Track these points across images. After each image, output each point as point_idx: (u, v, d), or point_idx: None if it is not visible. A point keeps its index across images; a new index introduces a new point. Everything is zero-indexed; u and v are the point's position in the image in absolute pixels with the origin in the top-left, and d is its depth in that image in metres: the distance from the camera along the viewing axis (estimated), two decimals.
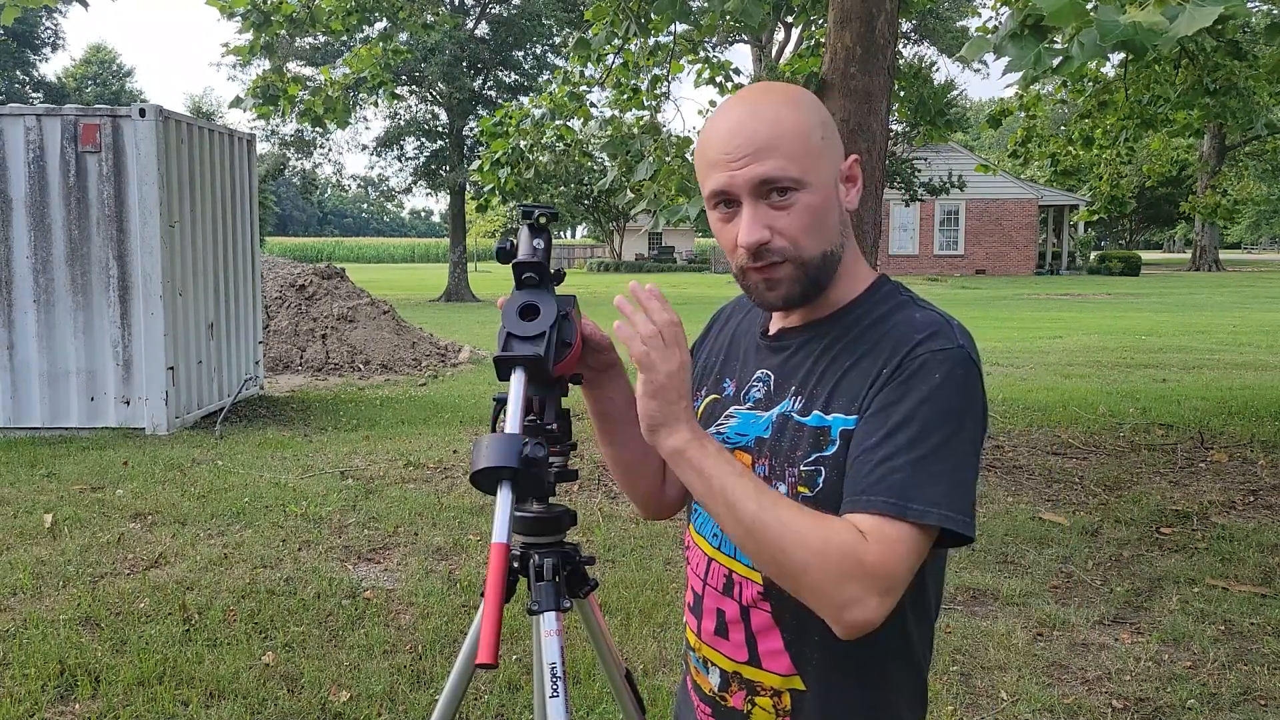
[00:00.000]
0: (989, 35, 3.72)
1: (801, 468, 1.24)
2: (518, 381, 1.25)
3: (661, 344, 1.20)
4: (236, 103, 9.62)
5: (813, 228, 1.24)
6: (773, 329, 1.38)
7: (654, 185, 6.41)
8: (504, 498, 1.13)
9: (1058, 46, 3.32)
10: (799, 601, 1.19)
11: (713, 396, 1.42)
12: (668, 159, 6.47)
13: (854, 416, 1.21)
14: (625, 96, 7.81)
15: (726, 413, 1.37)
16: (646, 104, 7.83)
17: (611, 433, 1.49)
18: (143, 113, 7.87)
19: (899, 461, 1.14)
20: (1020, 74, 3.55)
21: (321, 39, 21.25)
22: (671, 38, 7.42)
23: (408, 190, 32.14)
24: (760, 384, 1.34)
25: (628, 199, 7.15)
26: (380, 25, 9.63)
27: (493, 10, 28.24)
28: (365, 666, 3.73)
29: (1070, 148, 10.57)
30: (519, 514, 1.42)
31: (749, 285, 1.28)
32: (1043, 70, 3.33)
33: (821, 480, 1.23)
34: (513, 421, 1.20)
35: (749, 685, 1.33)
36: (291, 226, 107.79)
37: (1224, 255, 50.57)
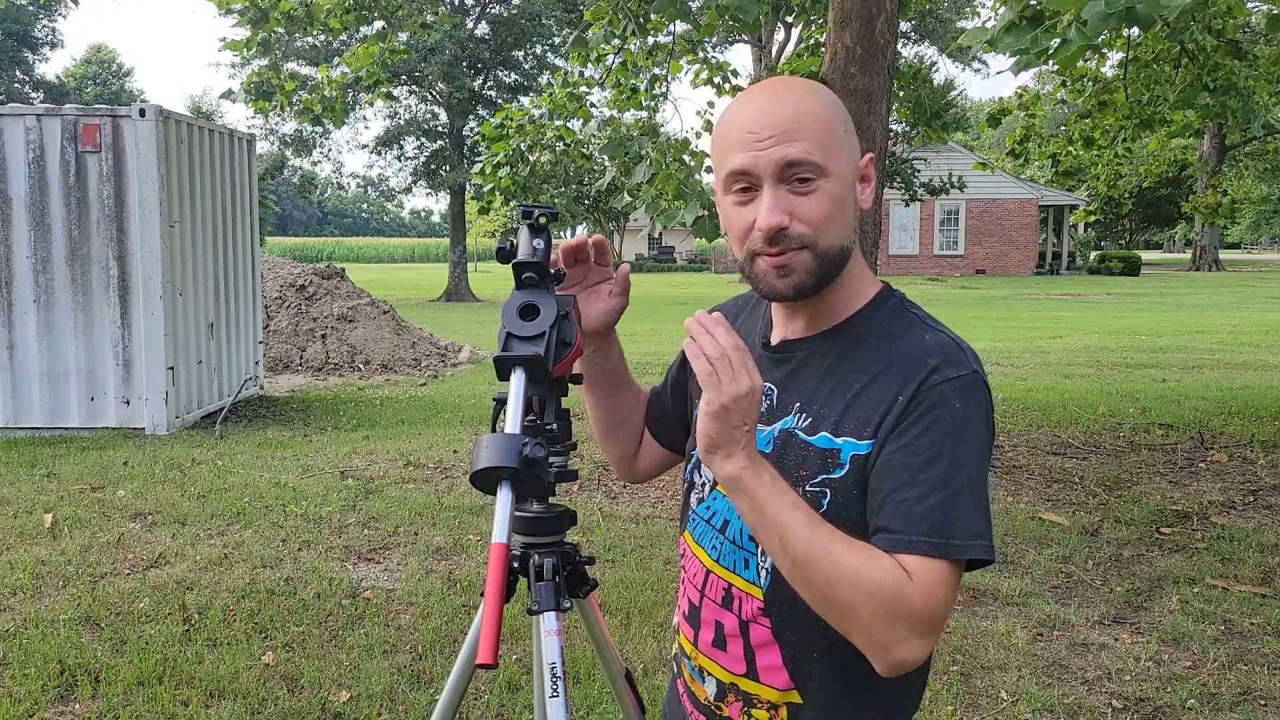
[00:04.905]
0: (987, 26, 3.73)
1: (807, 488, 1.23)
2: (518, 381, 1.25)
3: (729, 366, 1.14)
4: (228, 95, 9.72)
5: (833, 217, 1.21)
6: (775, 339, 1.35)
7: (651, 189, 6.40)
8: (504, 498, 1.13)
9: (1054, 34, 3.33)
10: (799, 617, 1.18)
11: None
12: (666, 163, 6.45)
13: (867, 441, 1.19)
14: (624, 96, 7.81)
15: None
16: (645, 104, 7.82)
17: (597, 387, 1.53)
18: (143, 113, 7.87)
19: (935, 500, 1.13)
20: (1015, 59, 3.55)
21: (321, 39, 21.25)
22: (671, 37, 7.42)
23: (408, 190, 32.13)
24: (763, 398, 1.32)
25: (624, 201, 7.16)
26: (379, 24, 9.63)
27: (493, 10, 28.26)
28: (365, 666, 3.73)
29: (1070, 148, 10.54)
30: (519, 514, 1.42)
31: (758, 272, 1.24)
32: (1038, 52, 3.32)
33: (826, 502, 1.21)
34: (513, 421, 1.20)
35: (746, 697, 1.32)
36: (291, 226, 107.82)
37: (1224, 255, 50.58)
